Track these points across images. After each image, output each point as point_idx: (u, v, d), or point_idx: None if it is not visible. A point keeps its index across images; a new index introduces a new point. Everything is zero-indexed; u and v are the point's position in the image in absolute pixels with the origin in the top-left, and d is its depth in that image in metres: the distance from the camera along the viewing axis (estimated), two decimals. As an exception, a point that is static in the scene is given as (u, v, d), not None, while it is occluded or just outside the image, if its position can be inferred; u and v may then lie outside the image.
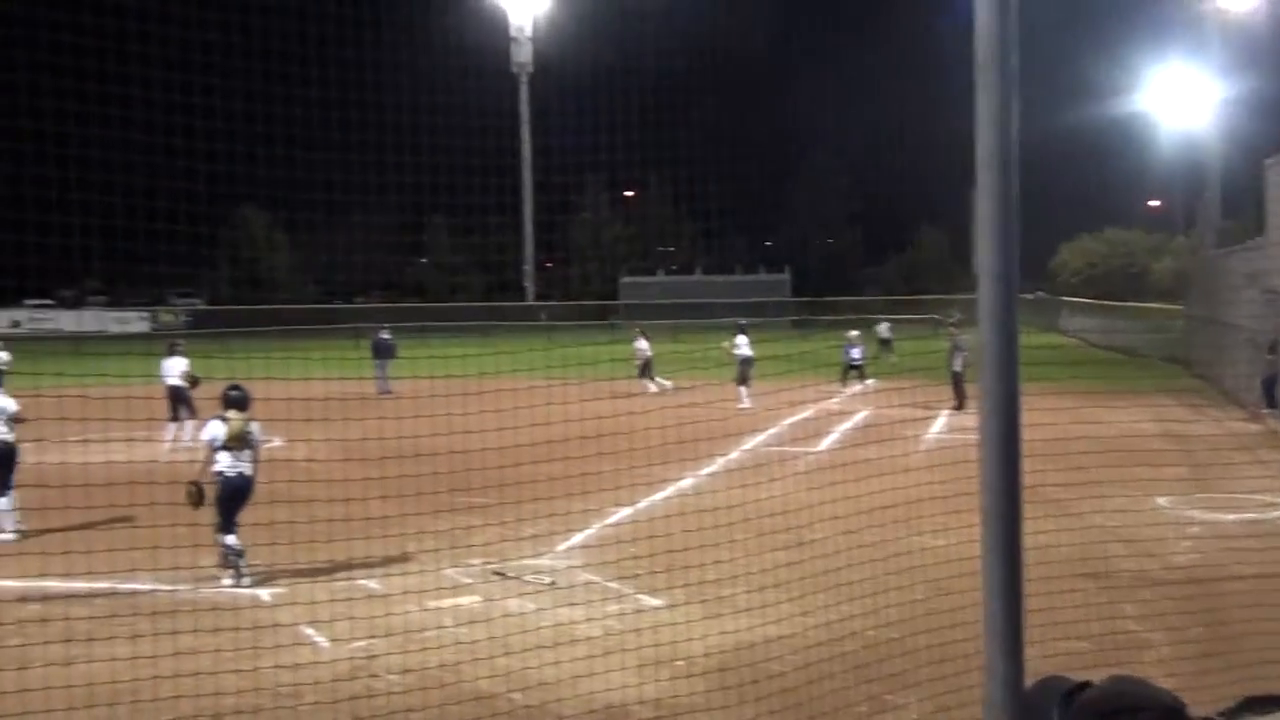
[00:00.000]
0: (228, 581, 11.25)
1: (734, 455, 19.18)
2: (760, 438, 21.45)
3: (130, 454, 12.73)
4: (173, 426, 21.48)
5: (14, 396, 13.86)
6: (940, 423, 23.62)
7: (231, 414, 11.59)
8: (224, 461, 11.47)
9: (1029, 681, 2.67)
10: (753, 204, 78.71)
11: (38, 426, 11.03)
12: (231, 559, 11.31)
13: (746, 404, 26.76)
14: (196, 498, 11.41)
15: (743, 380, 27.99)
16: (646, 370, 31.91)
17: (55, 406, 10.16)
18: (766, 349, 27.64)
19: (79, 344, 45.27)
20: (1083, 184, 73.52)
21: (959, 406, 25.47)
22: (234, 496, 11.42)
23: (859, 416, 25.30)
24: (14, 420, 13.68)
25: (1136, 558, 12.08)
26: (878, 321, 42.90)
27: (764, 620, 9.60)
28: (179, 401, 21.72)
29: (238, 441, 11.50)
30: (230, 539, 11.32)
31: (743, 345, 28.83)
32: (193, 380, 21.58)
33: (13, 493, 13.45)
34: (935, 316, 57.43)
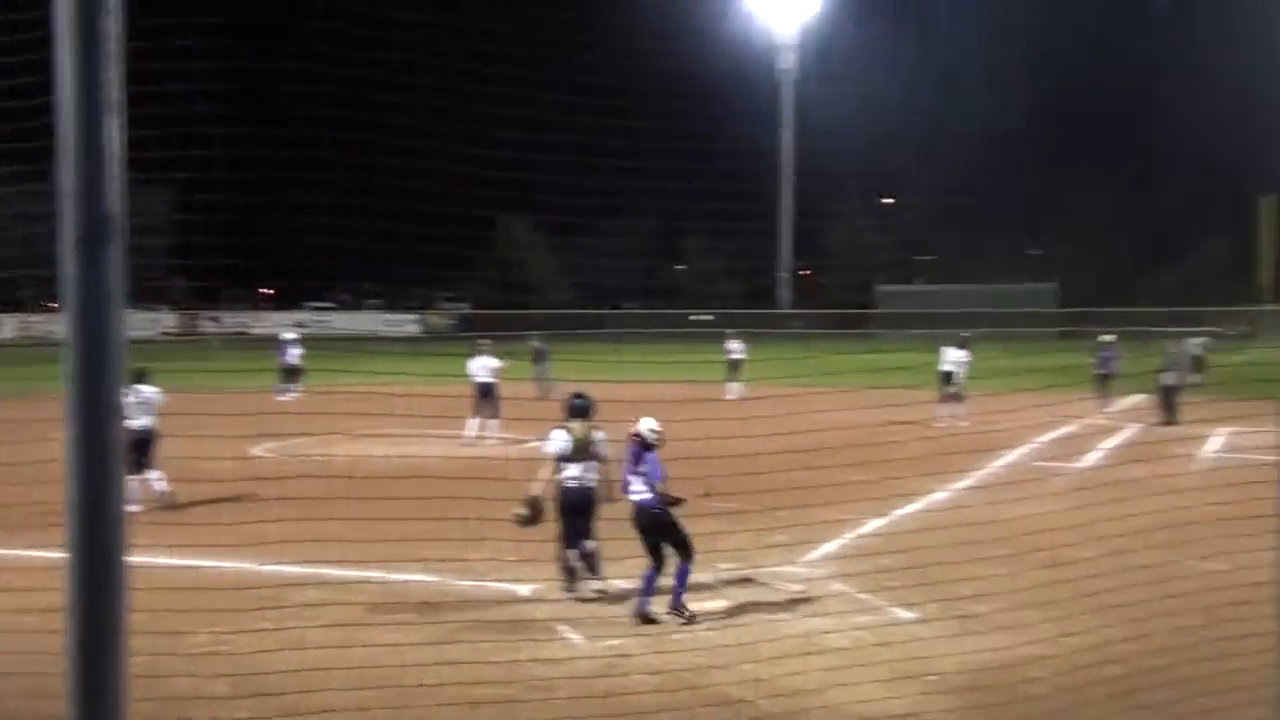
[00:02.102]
0: (595, 585, 11.08)
1: (989, 470, 18.60)
2: (1018, 453, 20.71)
3: (416, 449, 13.44)
4: (474, 423, 22.34)
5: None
6: (1217, 441, 22.23)
7: (575, 424, 11.23)
8: (565, 473, 11.13)
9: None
10: (1016, 211, 76.21)
11: (329, 421, 11.68)
12: (583, 565, 11.01)
13: (960, 423, 24.43)
14: (530, 515, 10.96)
15: (946, 396, 25.76)
16: (735, 372, 31.61)
17: (347, 403, 10.80)
18: (1024, 362, 26.59)
19: (358, 344, 48.04)
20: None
21: (1168, 422, 24.90)
22: (571, 509, 11.08)
23: (1126, 433, 24.11)
24: (154, 410, 15.29)
25: None
26: (1187, 336, 39.45)
27: (1021, 639, 9.28)
28: (485, 399, 22.73)
29: (580, 452, 11.12)
30: (577, 548, 11.05)
31: (949, 359, 26.29)
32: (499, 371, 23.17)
33: (154, 472, 15.19)
34: (1217, 329, 54.12)
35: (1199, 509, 10.87)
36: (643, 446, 10.70)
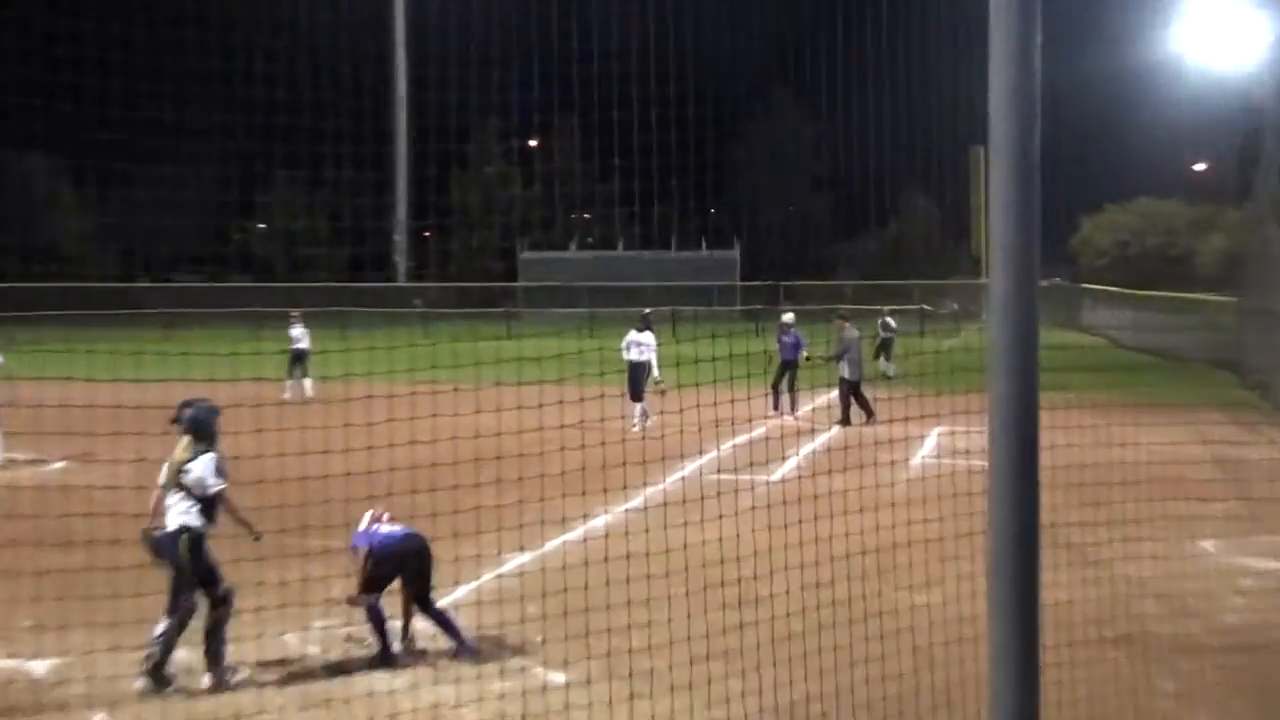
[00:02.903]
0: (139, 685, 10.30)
1: (664, 485, 19.16)
2: (699, 462, 21.44)
3: None
4: None
5: None
6: (930, 443, 23.82)
7: (181, 442, 10.72)
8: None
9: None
10: (693, 159, 79.02)
11: None
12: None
13: (640, 423, 25.73)
14: (154, 558, 10.60)
15: (633, 394, 26.62)
16: (299, 365, 32.28)
17: None
18: (705, 348, 27.52)
19: None
20: (1110, 144, 74.65)
21: (845, 421, 27.32)
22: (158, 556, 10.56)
23: (828, 435, 25.45)
24: None
25: (1175, 618, 12.24)
26: (875, 315, 41.04)
27: (700, 701, 9.57)
28: None
29: (171, 482, 10.57)
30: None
31: (634, 346, 27.28)
32: None
33: None
34: (925, 307, 58.07)
35: (906, 528, 11.54)
36: None
